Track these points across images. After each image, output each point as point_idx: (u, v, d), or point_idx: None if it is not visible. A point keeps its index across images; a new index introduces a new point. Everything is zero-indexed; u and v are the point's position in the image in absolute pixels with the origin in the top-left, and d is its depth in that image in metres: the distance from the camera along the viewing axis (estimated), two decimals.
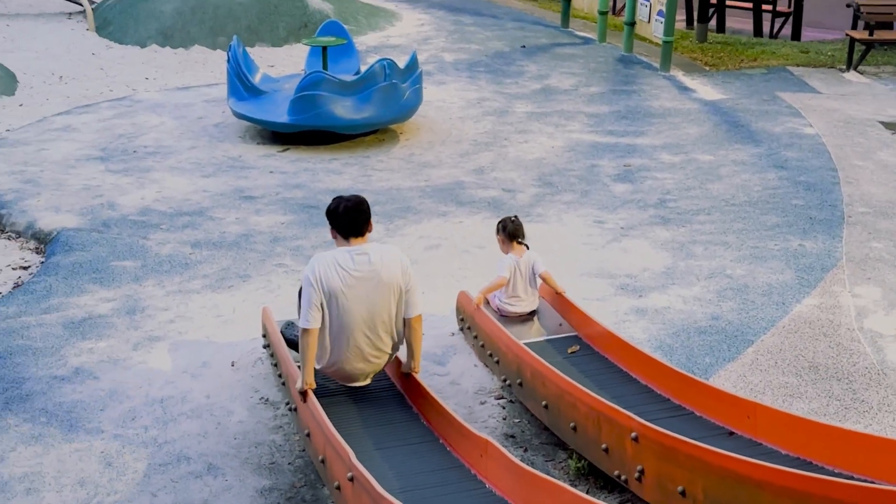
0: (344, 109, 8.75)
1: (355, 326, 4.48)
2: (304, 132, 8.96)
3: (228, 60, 9.22)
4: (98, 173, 8.24)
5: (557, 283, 5.56)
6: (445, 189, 8.05)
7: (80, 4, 13.60)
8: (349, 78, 9.01)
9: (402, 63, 9.19)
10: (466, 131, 9.54)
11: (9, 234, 7.26)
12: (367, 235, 4.57)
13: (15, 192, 7.78)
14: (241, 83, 9.12)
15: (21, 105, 10.21)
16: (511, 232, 5.52)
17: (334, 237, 4.60)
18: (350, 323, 4.47)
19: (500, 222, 5.59)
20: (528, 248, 5.55)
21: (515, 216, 5.62)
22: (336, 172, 8.40)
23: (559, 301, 5.56)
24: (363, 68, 9.60)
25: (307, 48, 10.44)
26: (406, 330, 4.62)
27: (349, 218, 4.51)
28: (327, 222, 4.57)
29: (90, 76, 11.35)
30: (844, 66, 11.99)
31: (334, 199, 4.61)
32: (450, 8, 15.42)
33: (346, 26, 10.78)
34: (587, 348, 5.18)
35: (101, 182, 8.04)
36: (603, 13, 13.21)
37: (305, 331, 4.43)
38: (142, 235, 7.06)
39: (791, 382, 5.19)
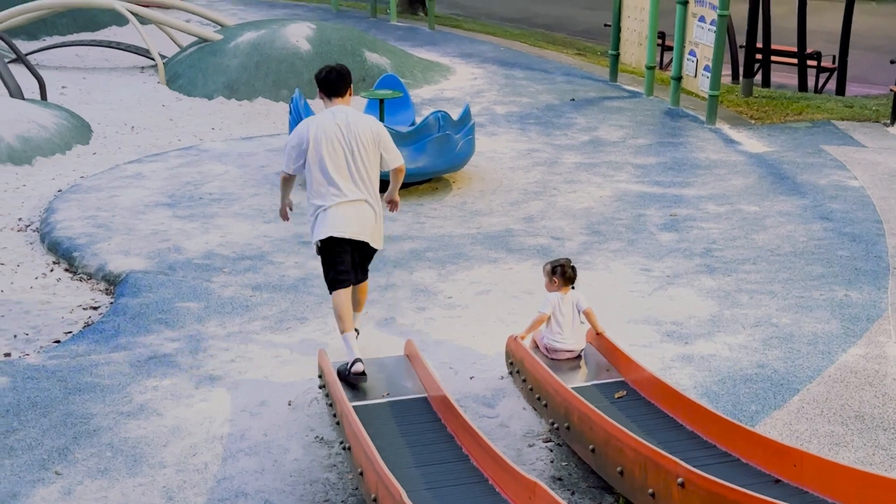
0: None
1: (338, 167, 5.40)
2: None
3: (290, 112, 9.37)
4: (166, 219, 8.39)
5: (599, 323, 5.55)
6: (496, 236, 8.07)
7: (153, 59, 13.94)
8: (405, 129, 9.10)
9: (455, 115, 9.27)
10: (517, 181, 9.56)
11: (81, 275, 7.41)
12: (348, 98, 5.50)
13: (88, 236, 7.94)
14: None
15: (95, 154, 10.46)
16: (570, 277, 5.55)
17: (321, 98, 5.53)
18: (333, 165, 5.40)
19: (556, 265, 5.57)
20: (573, 287, 5.57)
21: (570, 261, 5.61)
22: (390, 219, 8.45)
23: (606, 346, 5.52)
24: (418, 120, 9.70)
25: (365, 100, 10.57)
26: (391, 176, 5.70)
27: (331, 81, 5.46)
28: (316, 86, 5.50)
29: (160, 126, 11.60)
30: (889, 121, 11.84)
31: (322, 67, 5.56)
32: (502, 62, 15.54)
33: (402, 80, 10.91)
34: (634, 394, 5.13)
35: (168, 227, 8.18)
36: (650, 68, 13.22)
37: (286, 176, 5.58)
38: (205, 278, 7.16)
39: (837, 432, 5.08)
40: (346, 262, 5.56)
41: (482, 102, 12.81)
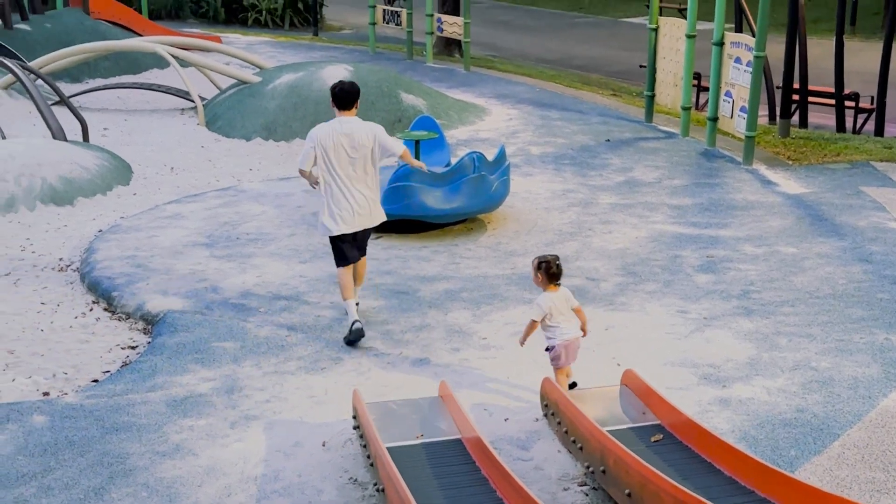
0: (434, 200, 8.88)
1: (340, 170, 6.65)
2: (396, 221, 9.10)
3: None
4: (203, 258, 8.48)
5: (587, 324, 5.86)
6: (531, 277, 8.04)
7: (193, 101, 14.17)
8: (440, 170, 9.16)
9: (490, 156, 9.31)
10: (552, 221, 9.57)
11: (119, 315, 7.49)
12: (354, 110, 6.76)
13: (126, 276, 8.04)
14: None
15: (135, 194, 10.62)
16: (554, 275, 5.79)
17: (332, 108, 6.78)
18: (336, 168, 6.65)
19: (542, 261, 5.78)
20: (559, 285, 5.82)
21: (558, 258, 5.84)
22: (426, 260, 8.49)
23: (642, 389, 5.48)
24: (454, 160, 9.75)
25: (401, 141, 10.66)
26: (403, 159, 7.17)
27: (342, 96, 6.73)
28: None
29: (199, 167, 11.76)
30: None
31: (336, 83, 6.79)
32: (537, 103, 15.61)
33: (437, 121, 10.99)
34: (671, 437, 5.08)
35: (205, 267, 8.27)
36: (686, 108, 13.21)
37: (301, 170, 6.79)
38: (242, 318, 7.21)
39: (878, 478, 4.98)
40: (349, 249, 6.90)
41: (517, 143, 12.86)
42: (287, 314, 7.29)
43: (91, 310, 7.61)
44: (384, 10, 21.18)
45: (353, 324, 6.72)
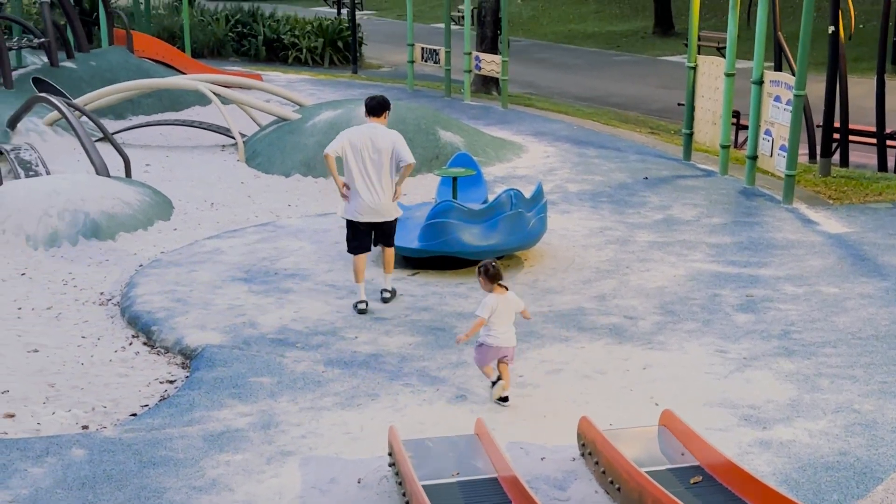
0: (472, 236, 8.90)
1: (363, 167, 7.80)
2: (434, 257, 9.12)
3: None
4: (242, 294, 8.55)
5: (528, 311, 6.55)
6: (567, 315, 8.03)
7: (233, 138, 14.36)
8: (477, 206, 9.18)
9: (527, 193, 9.33)
10: (589, 259, 9.54)
11: (158, 349, 7.56)
12: (382, 119, 7.95)
13: (166, 311, 8.12)
14: None
15: (175, 229, 10.74)
16: (492, 275, 6.34)
17: (366, 115, 7.99)
18: (359, 164, 7.80)
19: (481, 267, 6.39)
20: (506, 289, 6.34)
21: (496, 261, 6.44)
22: (462, 296, 8.49)
23: (681, 430, 5.42)
24: (491, 197, 9.78)
25: (438, 178, 10.71)
26: (402, 171, 7.94)
27: (373, 105, 7.97)
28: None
29: (238, 203, 11.89)
30: None
31: (369, 97, 8.07)
32: (575, 141, 15.63)
33: (475, 158, 11.03)
34: (710, 479, 5.01)
35: (244, 302, 8.33)
36: (725, 147, 13.16)
37: (327, 155, 7.80)
38: (279, 353, 7.25)
39: None
40: (360, 237, 8.05)
41: (554, 180, 12.87)
42: (324, 350, 7.31)
43: (131, 344, 7.68)
44: (423, 49, 21.39)
45: (357, 303, 8.05)
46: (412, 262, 9.26)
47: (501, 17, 19.22)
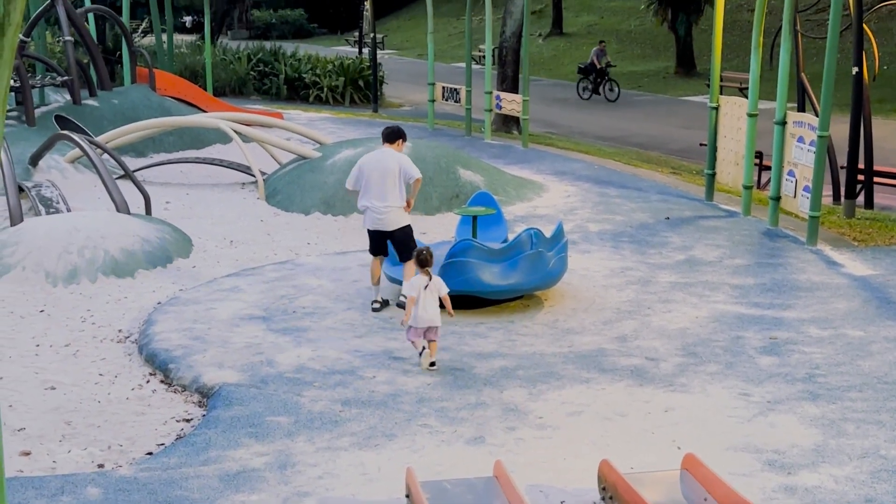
0: (491, 275, 8.90)
1: (371, 184, 9.06)
2: (452, 296, 9.11)
3: None
4: (260, 332, 8.57)
5: (450, 306, 7.75)
6: (588, 356, 8.00)
7: (253, 175, 14.47)
8: (497, 246, 9.20)
9: (548, 232, 9.34)
10: (610, 299, 9.51)
11: (175, 387, 7.58)
12: (397, 145, 9.27)
13: (184, 348, 8.15)
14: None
15: (194, 267, 10.81)
16: (421, 261, 7.66)
17: (382, 143, 9.33)
18: (371, 186, 9.06)
19: (415, 251, 7.84)
20: (431, 277, 7.62)
21: (428, 248, 7.78)
22: (481, 336, 8.48)
23: (704, 475, 5.36)
24: (511, 237, 9.79)
25: (458, 216, 10.74)
26: (411, 186, 9.24)
27: (386, 133, 9.36)
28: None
29: (258, 241, 11.96)
30: None
31: (385, 127, 9.54)
32: (596, 180, 15.66)
33: (495, 197, 11.07)
34: None
35: (262, 340, 8.35)
36: (747, 187, 13.14)
37: (348, 189, 9.38)
38: (296, 392, 7.25)
39: None
40: (373, 243, 9.31)
41: (575, 220, 12.88)
42: (341, 389, 7.31)
43: (148, 381, 7.70)
44: (444, 88, 21.55)
45: (372, 302, 9.16)
46: None
47: (522, 56, 19.37)
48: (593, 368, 7.72)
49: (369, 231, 9.33)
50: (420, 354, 7.71)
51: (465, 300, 9.14)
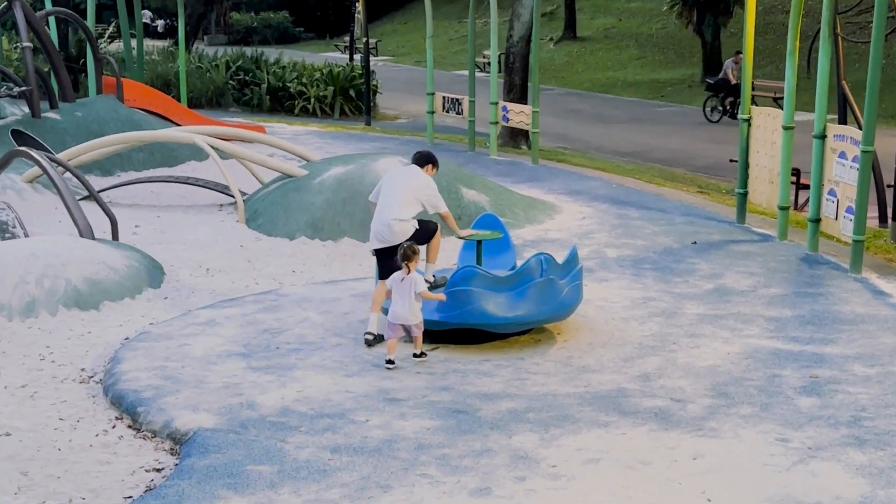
0: (497, 306, 8.91)
1: (384, 197, 9.37)
2: (455, 330, 9.12)
3: None
4: (239, 370, 8.57)
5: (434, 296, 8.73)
6: (607, 396, 7.99)
7: (232, 196, 14.51)
8: (503, 273, 9.21)
9: (560, 258, 9.36)
10: (630, 333, 9.52)
11: (145, 433, 7.56)
12: (426, 169, 9.58)
13: (154, 389, 8.14)
14: None
15: (166, 298, 10.82)
16: (403, 256, 8.55)
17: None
18: (383, 196, 9.40)
19: (400, 247, 8.67)
20: (409, 271, 8.48)
21: (412, 244, 8.74)
22: (488, 374, 8.48)
23: None
24: (519, 263, 9.81)
25: (461, 241, 10.77)
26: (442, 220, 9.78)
27: (415, 156, 9.77)
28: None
29: (237, 268, 11.98)
30: None
31: (417, 151, 10.00)
32: (614, 201, 15.72)
33: (502, 219, 11.10)
34: None
35: (241, 380, 8.35)
36: (783, 208, 13.18)
37: (371, 203, 9.69)
38: (280, 438, 7.24)
39: None
40: (382, 266, 9.26)
41: (591, 244, 12.91)
42: (330, 434, 7.30)
43: (114, 427, 7.69)
44: (444, 98, 21.65)
45: (365, 334, 9.15)
46: (431, 335, 9.26)
47: (531, 63, 19.48)
48: (612, 411, 7.72)
49: (375, 253, 9.44)
50: (390, 361, 8.53)
51: (469, 334, 9.15)
